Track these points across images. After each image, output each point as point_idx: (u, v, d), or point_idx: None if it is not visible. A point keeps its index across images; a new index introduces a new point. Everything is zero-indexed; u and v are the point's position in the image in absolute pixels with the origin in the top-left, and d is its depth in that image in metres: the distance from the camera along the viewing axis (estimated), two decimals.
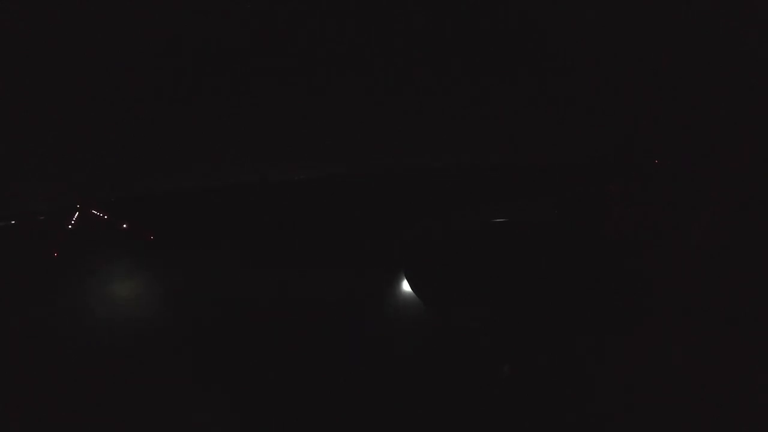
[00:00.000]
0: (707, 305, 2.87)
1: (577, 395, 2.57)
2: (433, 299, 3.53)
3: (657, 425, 2.32)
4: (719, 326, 2.70)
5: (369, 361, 3.48)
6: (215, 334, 4.36)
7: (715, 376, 2.38)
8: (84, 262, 7.45)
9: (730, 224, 3.28)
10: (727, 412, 2.24)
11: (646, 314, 2.97)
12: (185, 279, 6.29)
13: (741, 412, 2.22)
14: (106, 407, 3.15)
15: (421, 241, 3.85)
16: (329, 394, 3.09)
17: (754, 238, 3.16)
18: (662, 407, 2.37)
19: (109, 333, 4.45)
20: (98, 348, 4.09)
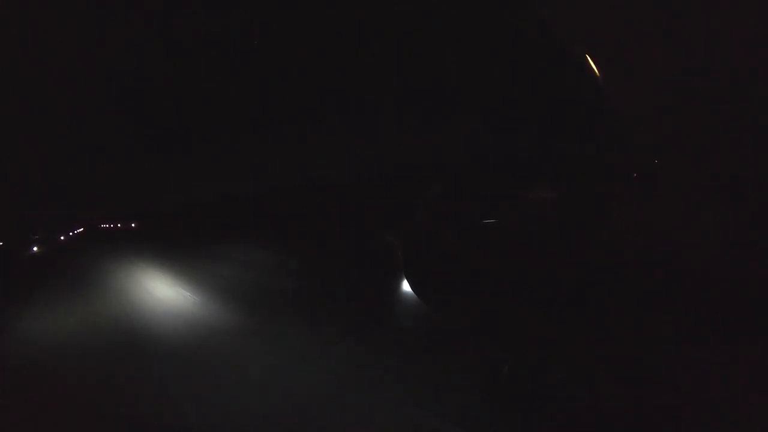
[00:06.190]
0: (708, 305, 2.86)
1: (576, 395, 2.57)
2: (432, 299, 3.53)
3: (655, 425, 2.33)
4: (720, 326, 2.70)
5: (368, 360, 3.50)
6: (216, 334, 4.38)
7: (713, 377, 2.38)
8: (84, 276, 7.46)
9: (731, 224, 3.27)
10: (725, 412, 2.24)
11: (647, 315, 2.97)
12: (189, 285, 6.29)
13: (739, 412, 2.22)
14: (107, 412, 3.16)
15: (420, 240, 3.86)
16: (329, 393, 3.12)
17: (756, 237, 3.15)
18: (661, 408, 2.37)
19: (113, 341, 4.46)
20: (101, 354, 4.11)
